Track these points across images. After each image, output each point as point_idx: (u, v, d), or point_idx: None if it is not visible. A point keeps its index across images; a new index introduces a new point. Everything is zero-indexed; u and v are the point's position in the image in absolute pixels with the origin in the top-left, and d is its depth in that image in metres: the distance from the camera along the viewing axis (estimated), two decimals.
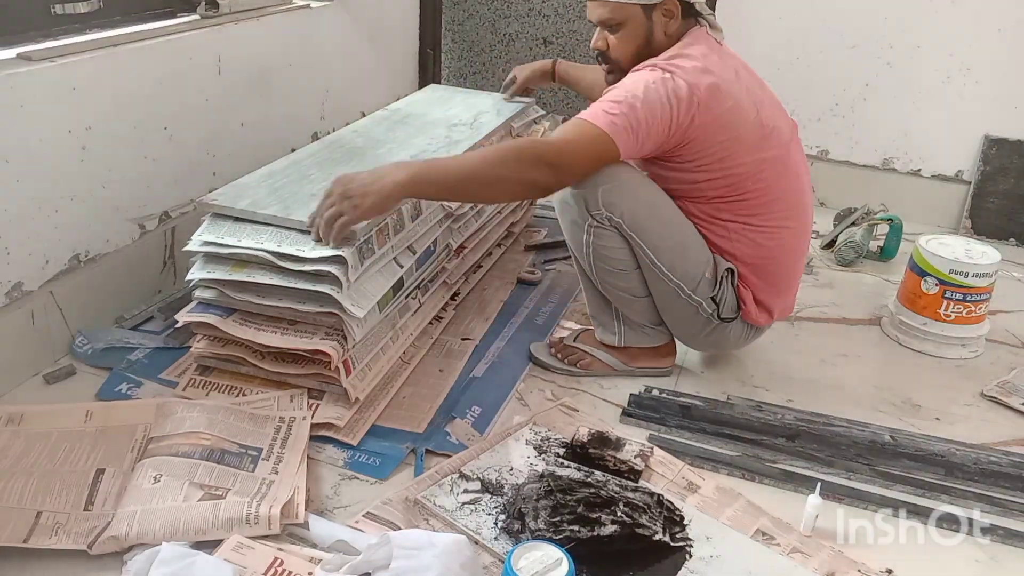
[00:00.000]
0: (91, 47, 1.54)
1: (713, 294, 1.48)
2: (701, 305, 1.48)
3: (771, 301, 1.53)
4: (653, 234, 1.43)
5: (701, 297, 1.48)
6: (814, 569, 1.15)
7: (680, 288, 1.47)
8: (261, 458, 1.25)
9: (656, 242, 1.44)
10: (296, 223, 1.34)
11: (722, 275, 1.47)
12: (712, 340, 1.57)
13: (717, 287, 1.48)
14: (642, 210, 1.43)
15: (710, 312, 1.49)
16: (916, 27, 2.34)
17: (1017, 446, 1.48)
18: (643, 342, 1.58)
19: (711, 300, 1.48)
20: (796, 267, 1.58)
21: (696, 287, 1.47)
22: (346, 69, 2.36)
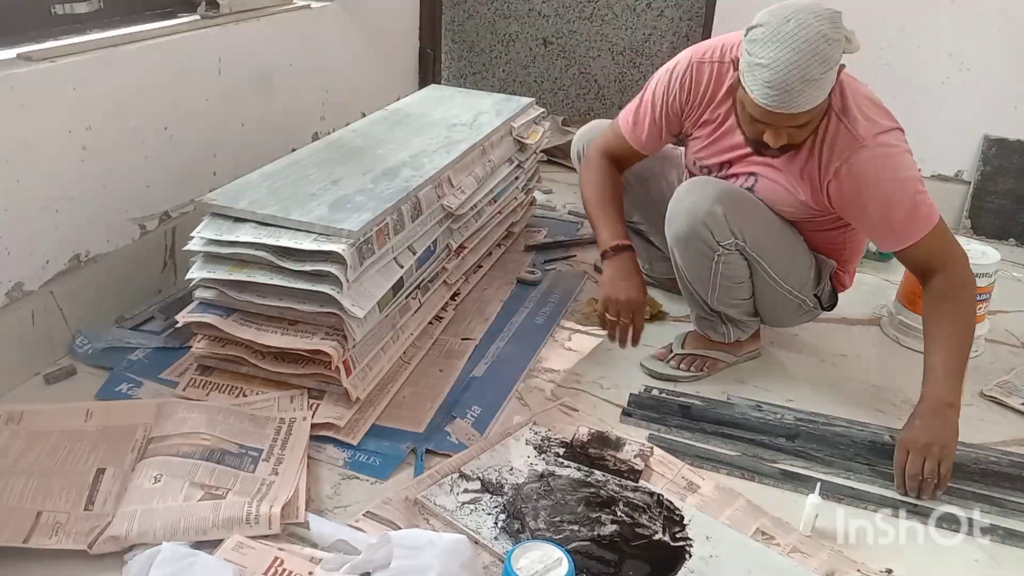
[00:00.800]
0: (91, 47, 1.54)
1: (816, 291, 1.59)
2: (804, 301, 1.60)
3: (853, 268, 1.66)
4: (770, 251, 1.50)
5: (806, 295, 1.59)
6: (814, 569, 1.16)
7: (789, 292, 1.57)
8: (261, 459, 1.25)
9: (773, 256, 1.51)
10: (295, 223, 1.34)
11: (826, 273, 1.59)
12: (803, 320, 1.68)
13: (820, 284, 1.59)
14: (761, 231, 1.48)
15: (812, 305, 1.61)
16: (916, 27, 2.34)
17: (1017, 446, 1.48)
18: (744, 334, 1.66)
19: (814, 296, 1.60)
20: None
21: (803, 288, 1.58)
22: (346, 69, 2.36)
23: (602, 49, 2.95)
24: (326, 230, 1.32)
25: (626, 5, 2.87)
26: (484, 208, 1.86)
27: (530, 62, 3.05)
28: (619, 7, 2.88)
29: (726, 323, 1.62)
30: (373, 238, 1.39)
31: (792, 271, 1.54)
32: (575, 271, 2.04)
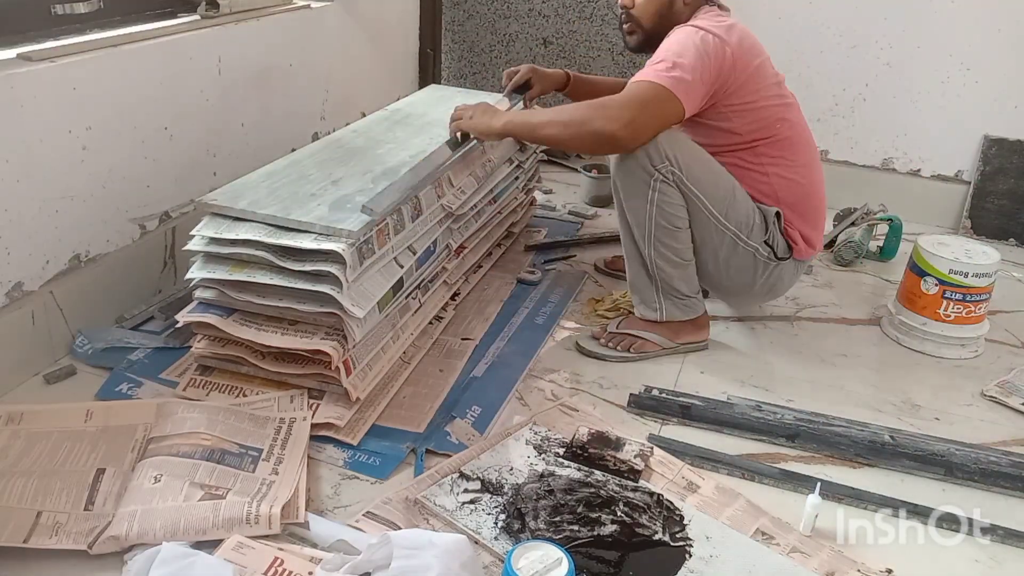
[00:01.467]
0: (91, 47, 1.54)
1: (765, 238, 1.61)
2: (757, 250, 1.61)
3: (814, 236, 1.67)
4: (708, 184, 1.56)
5: (756, 242, 1.60)
6: (814, 569, 1.16)
7: (737, 235, 1.59)
8: (261, 459, 1.25)
9: (711, 191, 1.56)
10: (295, 223, 1.34)
11: (771, 220, 1.60)
12: (768, 285, 1.68)
13: (767, 231, 1.61)
14: (696, 163, 1.56)
15: (766, 255, 1.62)
16: (916, 27, 2.34)
17: (1017, 446, 1.48)
18: (682, 315, 1.67)
19: (765, 244, 1.61)
20: (824, 202, 1.72)
21: (750, 233, 1.60)
22: (346, 69, 2.36)
23: (602, 49, 2.94)
24: (326, 230, 1.32)
25: None
26: (484, 208, 1.86)
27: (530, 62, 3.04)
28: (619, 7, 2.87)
29: (661, 295, 1.64)
30: (373, 238, 1.39)
31: (732, 209, 1.58)
32: (575, 271, 2.04)
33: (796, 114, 1.63)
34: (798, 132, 1.63)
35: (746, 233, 1.59)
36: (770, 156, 1.60)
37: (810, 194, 1.65)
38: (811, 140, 1.68)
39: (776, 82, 1.59)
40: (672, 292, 1.64)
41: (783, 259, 1.64)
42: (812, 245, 1.67)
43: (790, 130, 1.60)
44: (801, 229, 1.64)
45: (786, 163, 1.60)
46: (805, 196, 1.64)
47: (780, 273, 1.66)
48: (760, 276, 1.65)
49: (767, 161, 1.60)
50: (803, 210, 1.64)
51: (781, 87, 1.61)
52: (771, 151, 1.59)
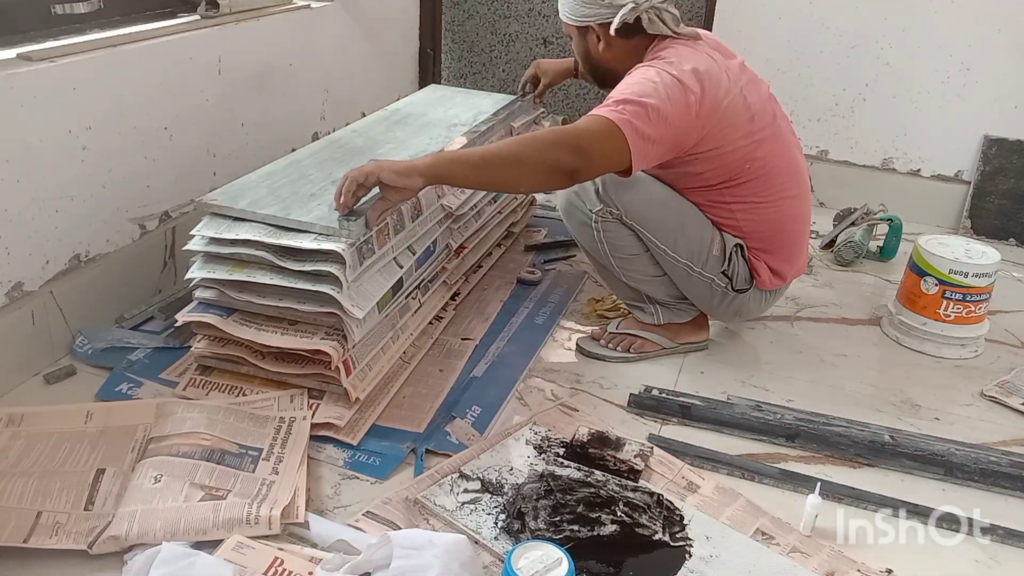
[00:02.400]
0: (91, 47, 1.54)
1: (724, 269, 1.55)
2: (714, 280, 1.56)
3: (784, 267, 1.61)
4: (652, 220, 1.52)
5: (712, 274, 1.55)
6: (814, 569, 1.16)
7: (689, 267, 1.55)
8: (261, 458, 1.25)
9: (656, 227, 1.52)
10: (295, 223, 1.34)
11: (731, 251, 1.55)
12: (733, 310, 1.63)
13: (727, 263, 1.55)
14: (637, 200, 1.51)
15: (723, 286, 1.57)
16: (916, 27, 2.34)
17: (1017, 446, 1.48)
18: (678, 318, 1.66)
19: (723, 275, 1.56)
20: (803, 231, 1.64)
21: (704, 264, 1.55)
22: (346, 69, 2.36)
23: None
24: (326, 230, 1.32)
25: None
26: (484, 208, 1.86)
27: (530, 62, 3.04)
28: None
29: (652, 303, 1.64)
30: (373, 238, 1.39)
31: (683, 241, 1.52)
32: (575, 271, 2.04)
33: (770, 146, 1.50)
34: (772, 165, 1.51)
35: (699, 264, 1.54)
36: (736, 196, 1.52)
37: (783, 227, 1.57)
38: (791, 167, 1.55)
39: (748, 117, 1.46)
40: (660, 300, 1.64)
41: (741, 290, 1.58)
42: (781, 277, 1.61)
43: (761, 168, 1.49)
44: (768, 262, 1.58)
45: (753, 202, 1.52)
46: (775, 231, 1.57)
47: (743, 301, 1.60)
48: (720, 304, 1.60)
49: (732, 201, 1.52)
50: (773, 245, 1.58)
51: (752, 122, 1.46)
52: (738, 192, 1.51)
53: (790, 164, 1.56)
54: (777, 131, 1.53)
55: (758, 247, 1.57)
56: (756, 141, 1.48)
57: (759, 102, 1.49)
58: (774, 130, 1.52)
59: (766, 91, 1.54)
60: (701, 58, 1.42)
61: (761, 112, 1.49)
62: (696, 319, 1.69)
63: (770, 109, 1.53)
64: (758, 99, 1.49)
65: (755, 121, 1.47)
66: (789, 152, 1.56)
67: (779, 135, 1.53)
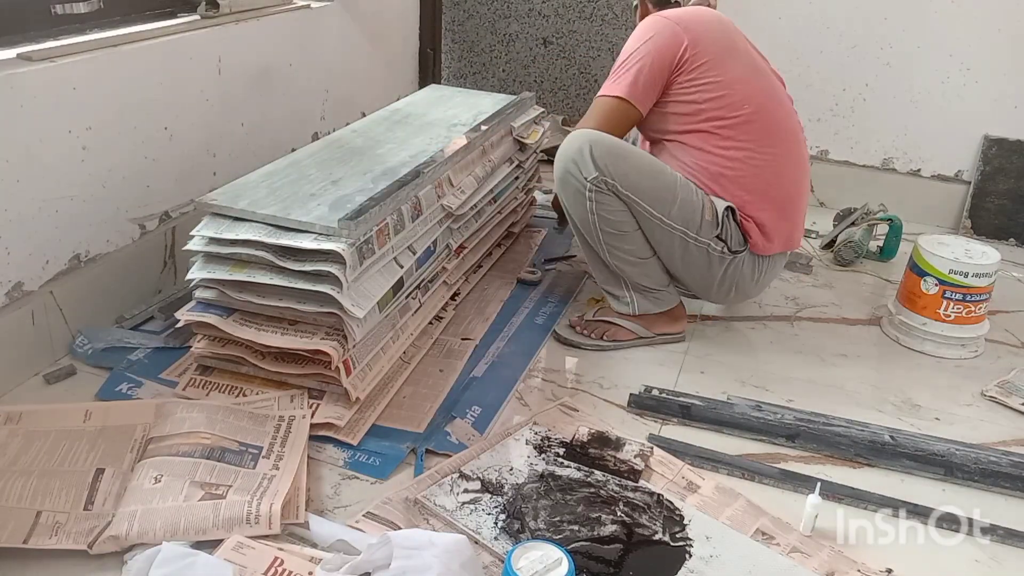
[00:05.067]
0: (91, 47, 1.54)
1: (718, 233, 1.58)
2: (710, 245, 1.58)
3: (776, 227, 1.62)
4: (646, 188, 1.55)
5: (707, 238, 1.58)
6: (814, 569, 1.16)
7: (685, 234, 1.57)
8: (262, 456, 1.26)
9: (650, 195, 1.55)
10: (295, 223, 1.34)
11: (723, 214, 1.57)
12: (729, 283, 1.65)
13: (719, 227, 1.57)
14: (631, 169, 1.56)
15: (719, 250, 1.59)
16: (916, 27, 2.34)
17: (1017, 446, 1.48)
18: (654, 308, 1.68)
19: (717, 239, 1.58)
20: (798, 196, 1.67)
21: (699, 230, 1.57)
22: (346, 69, 2.36)
23: (602, 49, 2.94)
24: (326, 230, 1.32)
25: (626, 5, 2.86)
26: (484, 208, 1.86)
27: (530, 62, 3.05)
28: (619, 7, 2.88)
29: (630, 289, 1.66)
30: (373, 238, 1.39)
31: (676, 208, 1.56)
32: (575, 271, 2.04)
33: (774, 103, 1.61)
34: (774, 120, 1.60)
35: (694, 230, 1.57)
36: (734, 140, 1.57)
37: (777, 182, 1.61)
38: (793, 133, 1.64)
39: (754, 68, 1.61)
40: (639, 287, 1.67)
41: (738, 252, 1.60)
42: (770, 238, 1.62)
43: (758, 115, 1.57)
44: (758, 218, 1.60)
45: (751, 150, 1.57)
46: (773, 183, 1.60)
47: (739, 268, 1.63)
48: (718, 272, 1.62)
49: (731, 145, 1.57)
50: (768, 198, 1.60)
51: (760, 76, 1.61)
52: (736, 134, 1.56)
53: (789, 129, 1.63)
54: (776, 92, 1.63)
55: (753, 201, 1.59)
56: (755, 85, 1.59)
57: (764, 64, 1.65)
58: (773, 89, 1.63)
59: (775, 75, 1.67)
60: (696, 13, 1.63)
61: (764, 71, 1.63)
62: (672, 311, 1.70)
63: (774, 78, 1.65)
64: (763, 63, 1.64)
65: (757, 71, 1.62)
66: (788, 120, 1.64)
67: (778, 96, 1.63)
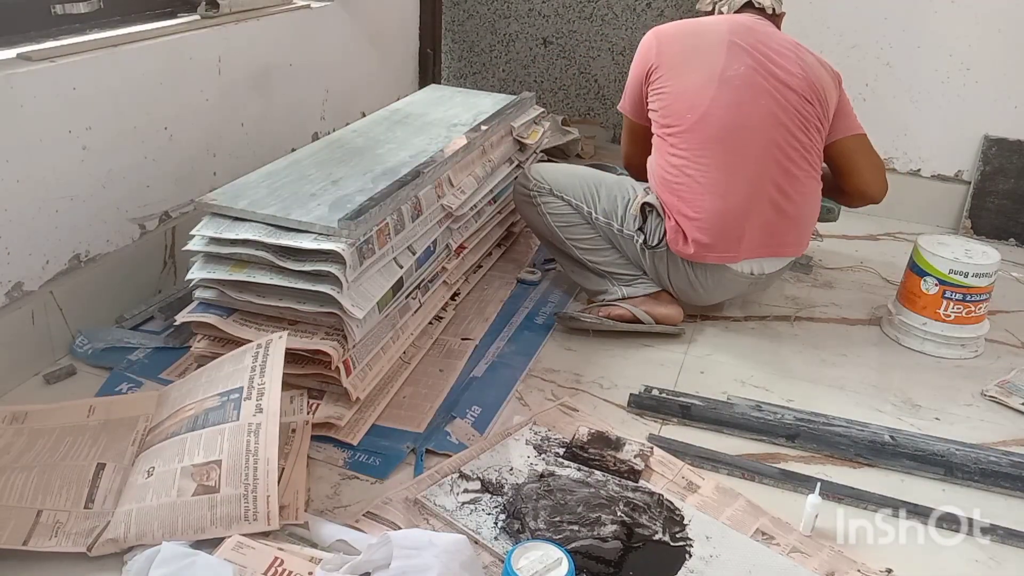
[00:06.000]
0: (91, 47, 1.54)
1: (640, 226, 1.70)
2: (633, 237, 1.71)
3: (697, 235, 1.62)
4: (572, 187, 1.76)
5: (630, 230, 1.71)
6: (814, 569, 1.16)
7: (609, 225, 1.73)
8: (243, 399, 1.19)
9: (576, 192, 1.75)
10: (295, 223, 1.34)
11: (644, 208, 1.69)
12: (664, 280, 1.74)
13: (643, 220, 1.70)
14: (559, 173, 1.81)
15: (640, 242, 1.71)
16: (916, 27, 2.34)
17: (1017, 446, 1.48)
18: (641, 291, 1.75)
19: (639, 231, 1.71)
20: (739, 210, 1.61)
21: (623, 221, 1.72)
22: (346, 69, 2.36)
23: (602, 49, 2.95)
24: (326, 230, 1.32)
25: (626, 5, 2.87)
26: (484, 208, 1.86)
27: (530, 62, 3.05)
28: (619, 7, 2.88)
29: (610, 281, 1.77)
30: (373, 238, 1.39)
31: (599, 202, 1.74)
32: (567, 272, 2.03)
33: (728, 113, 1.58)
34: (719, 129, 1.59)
35: (618, 223, 1.72)
36: (677, 148, 1.64)
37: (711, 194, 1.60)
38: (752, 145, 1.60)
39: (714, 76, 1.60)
40: (621, 277, 1.76)
41: (654, 247, 1.69)
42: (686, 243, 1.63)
43: (703, 125, 1.60)
44: (682, 222, 1.63)
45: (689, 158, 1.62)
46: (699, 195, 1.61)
47: (663, 264, 1.71)
48: (649, 264, 1.73)
49: (673, 152, 1.65)
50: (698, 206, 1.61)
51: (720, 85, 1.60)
52: (679, 142, 1.64)
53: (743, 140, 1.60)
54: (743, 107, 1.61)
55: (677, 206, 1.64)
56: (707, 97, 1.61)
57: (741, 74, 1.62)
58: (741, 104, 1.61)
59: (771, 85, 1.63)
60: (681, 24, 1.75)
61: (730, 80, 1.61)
62: (658, 294, 1.75)
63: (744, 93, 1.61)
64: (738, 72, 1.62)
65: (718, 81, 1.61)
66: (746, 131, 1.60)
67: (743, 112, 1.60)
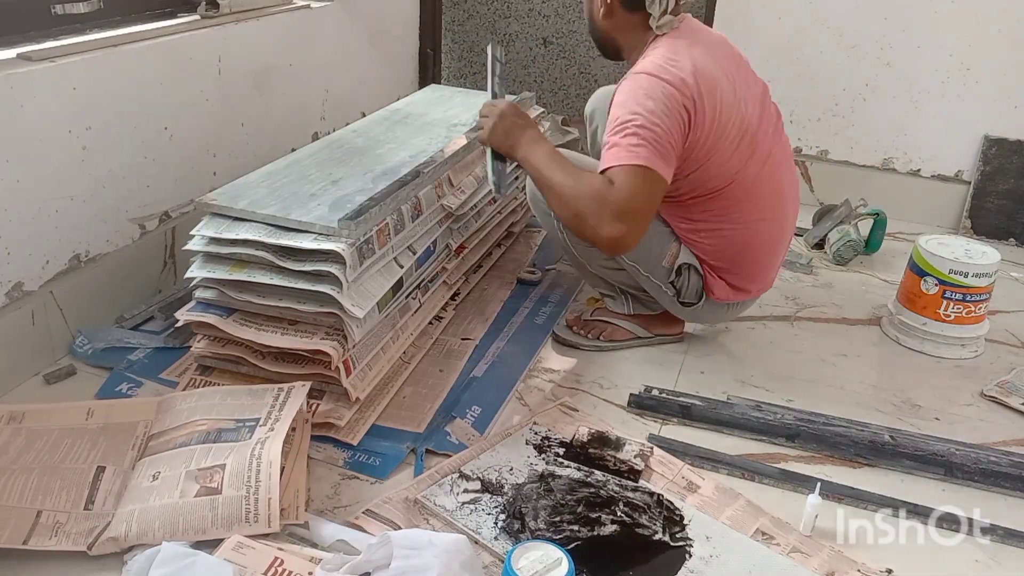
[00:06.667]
0: (91, 47, 1.54)
1: (672, 280, 1.56)
2: (661, 287, 1.58)
3: (746, 285, 1.59)
4: None
5: (659, 280, 1.57)
6: (814, 569, 1.16)
7: (637, 269, 1.57)
8: (259, 425, 1.23)
9: None
10: (295, 223, 1.34)
11: (681, 265, 1.55)
12: (688, 314, 1.65)
13: (676, 275, 1.55)
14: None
15: (671, 295, 1.59)
16: (916, 27, 2.34)
17: (1017, 446, 1.48)
18: (649, 309, 1.69)
19: (671, 285, 1.57)
20: (774, 255, 1.60)
21: (652, 270, 1.56)
22: (346, 69, 2.36)
23: None
24: (326, 230, 1.32)
25: None
26: (484, 208, 1.86)
27: (530, 62, 3.05)
28: None
29: (623, 293, 1.69)
30: (373, 238, 1.39)
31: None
32: (575, 271, 2.04)
33: (755, 168, 1.46)
34: (751, 187, 1.48)
35: (646, 269, 1.55)
36: (705, 213, 1.50)
37: (749, 250, 1.54)
38: (774, 189, 1.51)
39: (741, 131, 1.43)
40: (630, 291, 1.67)
41: (688, 304, 1.58)
42: (741, 291, 1.58)
43: (738, 188, 1.46)
44: (729, 279, 1.57)
45: (724, 223, 1.50)
46: (739, 253, 1.54)
47: (695, 312, 1.61)
48: (672, 306, 1.61)
49: (699, 218, 1.51)
50: (737, 265, 1.55)
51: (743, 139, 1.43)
52: (710, 207, 1.49)
53: (773, 186, 1.51)
54: (768, 151, 1.48)
55: (719, 266, 1.55)
56: (743, 158, 1.44)
57: (755, 115, 1.46)
58: (765, 149, 1.48)
59: (760, 93, 1.50)
60: (700, 56, 1.38)
61: (755, 127, 1.45)
62: (666, 312, 1.67)
63: (765, 122, 1.48)
64: (754, 111, 1.46)
65: (745, 138, 1.44)
66: (775, 172, 1.51)
67: (769, 155, 1.49)
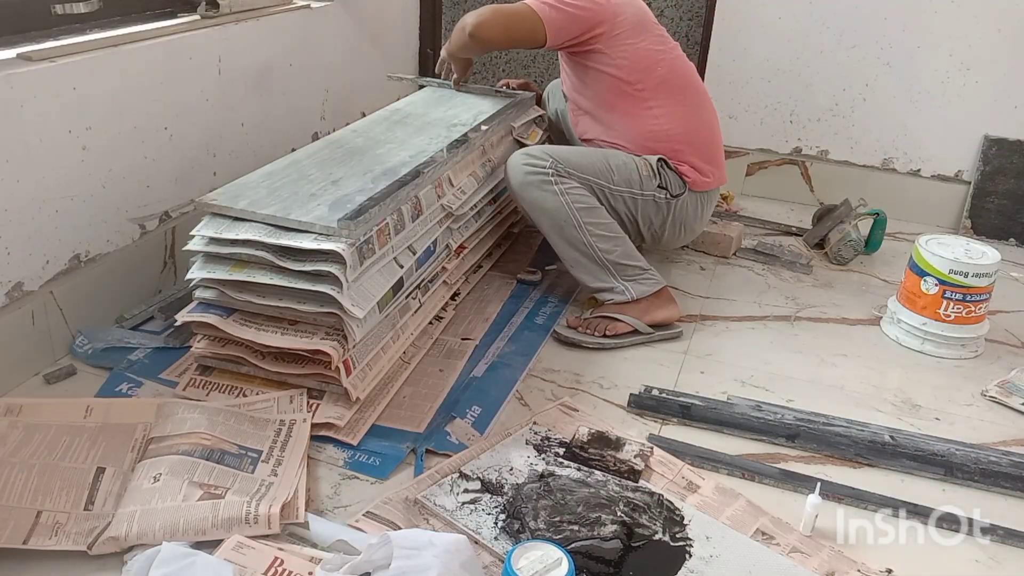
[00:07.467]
0: (91, 47, 1.54)
1: (659, 182, 1.78)
2: (655, 196, 1.78)
3: (707, 168, 1.84)
4: (585, 165, 1.74)
5: (650, 191, 1.78)
6: (814, 569, 1.16)
7: (631, 192, 1.77)
8: (261, 460, 1.26)
9: (590, 168, 1.74)
10: (295, 223, 1.34)
11: (657, 166, 1.78)
12: (679, 223, 1.84)
13: (658, 176, 1.78)
14: (569, 153, 1.78)
15: (664, 197, 1.79)
16: (916, 27, 2.34)
17: (1017, 446, 1.48)
18: (649, 289, 1.76)
19: (659, 188, 1.78)
20: (715, 133, 1.91)
21: (642, 185, 1.77)
22: (346, 69, 2.36)
23: None
24: (326, 230, 1.32)
25: None
26: (484, 208, 1.86)
27: (530, 62, 3.05)
28: None
29: (619, 278, 1.74)
30: (373, 238, 1.39)
31: (614, 174, 1.75)
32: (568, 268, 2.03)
33: (679, 63, 1.84)
34: (681, 77, 1.83)
35: (638, 187, 1.77)
36: (657, 100, 1.79)
37: (699, 129, 1.84)
38: (697, 85, 1.88)
39: (658, 34, 1.82)
40: (626, 270, 1.74)
41: (679, 194, 1.80)
42: (705, 175, 1.83)
43: (673, 76, 1.81)
44: (692, 162, 1.81)
45: (671, 104, 1.80)
46: (698, 130, 1.84)
47: (683, 208, 1.82)
48: (668, 216, 1.82)
49: (655, 104, 1.79)
50: (697, 143, 1.82)
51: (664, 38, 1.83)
52: (658, 94, 1.79)
53: (696, 83, 1.88)
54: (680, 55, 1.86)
55: (684, 147, 1.81)
56: (667, 49, 1.82)
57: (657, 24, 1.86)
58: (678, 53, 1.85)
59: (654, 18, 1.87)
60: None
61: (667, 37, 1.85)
62: (661, 292, 1.76)
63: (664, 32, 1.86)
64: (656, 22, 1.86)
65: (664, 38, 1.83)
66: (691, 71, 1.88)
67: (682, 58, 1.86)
